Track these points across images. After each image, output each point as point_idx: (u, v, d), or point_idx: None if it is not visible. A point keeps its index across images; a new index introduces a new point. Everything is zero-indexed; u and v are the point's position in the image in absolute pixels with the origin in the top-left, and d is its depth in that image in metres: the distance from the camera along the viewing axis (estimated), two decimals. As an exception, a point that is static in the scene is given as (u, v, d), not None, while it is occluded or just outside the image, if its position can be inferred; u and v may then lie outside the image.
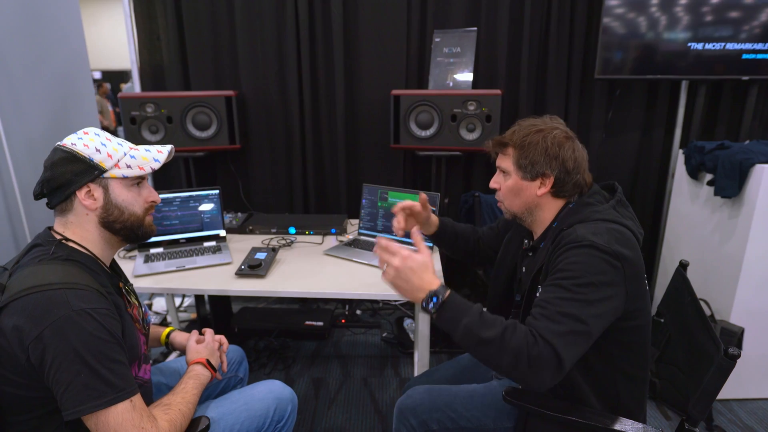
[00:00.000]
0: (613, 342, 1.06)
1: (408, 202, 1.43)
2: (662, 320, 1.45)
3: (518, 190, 1.17)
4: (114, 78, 9.89)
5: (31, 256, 0.97)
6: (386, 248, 1.05)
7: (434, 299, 1.01)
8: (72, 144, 1.01)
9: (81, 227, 1.03)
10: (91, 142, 1.02)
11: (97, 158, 1.01)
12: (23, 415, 0.92)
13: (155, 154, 1.09)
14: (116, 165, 1.03)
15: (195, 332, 1.31)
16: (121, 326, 0.96)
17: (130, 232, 1.08)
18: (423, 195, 1.47)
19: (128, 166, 1.04)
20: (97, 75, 8.79)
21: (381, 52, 2.58)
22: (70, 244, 1.01)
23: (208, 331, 1.32)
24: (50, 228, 1.04)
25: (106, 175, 1.02)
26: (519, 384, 1.09)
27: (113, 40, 8.60)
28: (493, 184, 1.25)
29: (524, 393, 1.12)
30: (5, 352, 0.87)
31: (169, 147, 1.13)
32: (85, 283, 0.93)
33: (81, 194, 1.00)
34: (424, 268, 1.03)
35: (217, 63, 2.65)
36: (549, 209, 1.18)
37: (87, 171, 1.00)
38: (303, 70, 2.59)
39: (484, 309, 1.02)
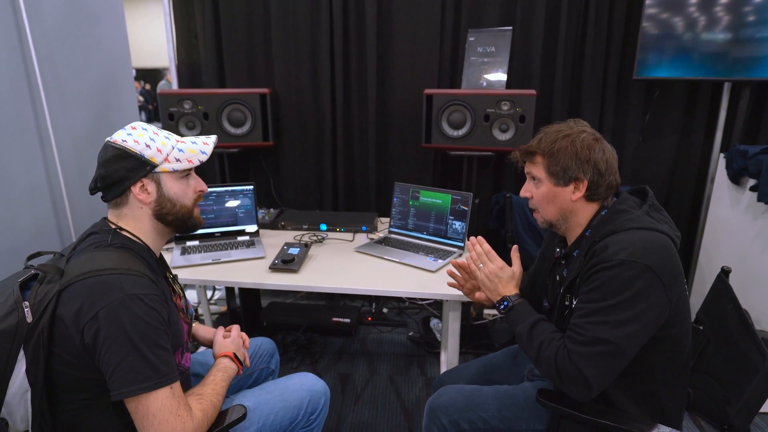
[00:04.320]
0: (654, 352, 1.05)
1: (461, 262, 1.41)
2: (701, 327, 1.41)
3: (552, 197, 1.17)
4: (147, 75, 10.14)
5: (88, 243, 1.02)
6: (488, 252, 1.25)
7: (505, 303, 1.21)
8: (123, 141, 1.04)
9: (135, 219, 1.07)
10: (141, 137, 1.05)
11: (148, 154, 1.04)
12: (75, 394, 0.97)
13: (202, 146, 1.12)
14: (166, 159, 1.06)
15: (221, 328, 1.33)
16: (168, 314, 1.00)
17: (181, 223, 1.12)
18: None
19: (177, 160, 1.08)
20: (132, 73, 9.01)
21: (414, 50, 2.58)
22: (124, 233, 1.05)
23: (235, 327, 1.34)
24: (105, 218, 1.09)
25: (157, 169, 1.05)
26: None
27: (144, 38, 8.75)
28: (524, 193, 1.24)
29: (558, 395, 1.11)
30: (62, 332, 0.92)
31: (213, 137, 1.17)
32: (139, 270, 0.97)
33: (136, 189, 1.04)
34: (510, 279, 1.24)
35: (252, 61, 2.70)
36: (583, 214, 1.17)
37: (140, 167, 1.03)
38: (336, 69, 2.62)
39: (542, 319, 1.14)
